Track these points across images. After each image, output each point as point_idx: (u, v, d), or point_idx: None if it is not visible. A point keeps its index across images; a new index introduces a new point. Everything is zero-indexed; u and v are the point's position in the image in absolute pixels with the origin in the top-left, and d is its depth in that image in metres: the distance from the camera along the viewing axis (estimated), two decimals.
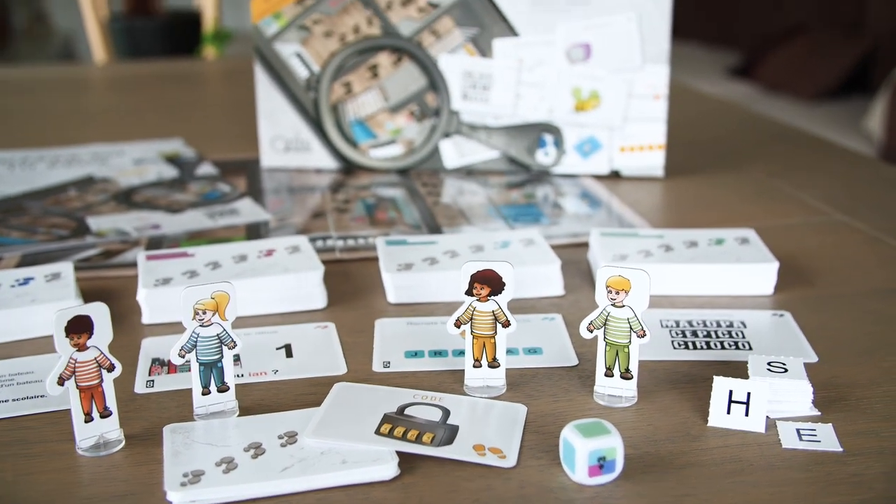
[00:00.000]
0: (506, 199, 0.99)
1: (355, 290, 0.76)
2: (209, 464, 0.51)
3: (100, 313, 0.52)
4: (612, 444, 0.50)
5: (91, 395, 0.53)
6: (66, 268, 0.74)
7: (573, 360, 0.64)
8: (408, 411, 0.56)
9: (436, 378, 0.62)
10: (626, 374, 0.58)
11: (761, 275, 0.75)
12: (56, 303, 0.69)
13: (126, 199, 0.99)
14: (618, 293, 0.57)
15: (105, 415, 0.54)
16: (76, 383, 0.52)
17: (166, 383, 0.61)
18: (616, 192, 1.00)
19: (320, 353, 0.66)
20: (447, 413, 0.56)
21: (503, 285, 0.58)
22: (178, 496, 0.49)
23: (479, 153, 1.06)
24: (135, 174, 1.07)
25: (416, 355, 0.65)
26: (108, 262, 0.82)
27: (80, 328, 0.52)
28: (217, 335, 0.56)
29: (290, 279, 0.72)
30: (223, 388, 0.57)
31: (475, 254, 0.77)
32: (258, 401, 0.59)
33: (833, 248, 0.86)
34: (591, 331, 0.58)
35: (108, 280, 0.79)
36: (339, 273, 0.79)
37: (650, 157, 1.04)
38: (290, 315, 0.72)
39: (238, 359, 0.64)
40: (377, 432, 0.53)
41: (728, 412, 0.56)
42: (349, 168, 1.08)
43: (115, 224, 0.91)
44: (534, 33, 1.01)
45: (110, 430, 0.54)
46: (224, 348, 0.56)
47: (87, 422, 0.53)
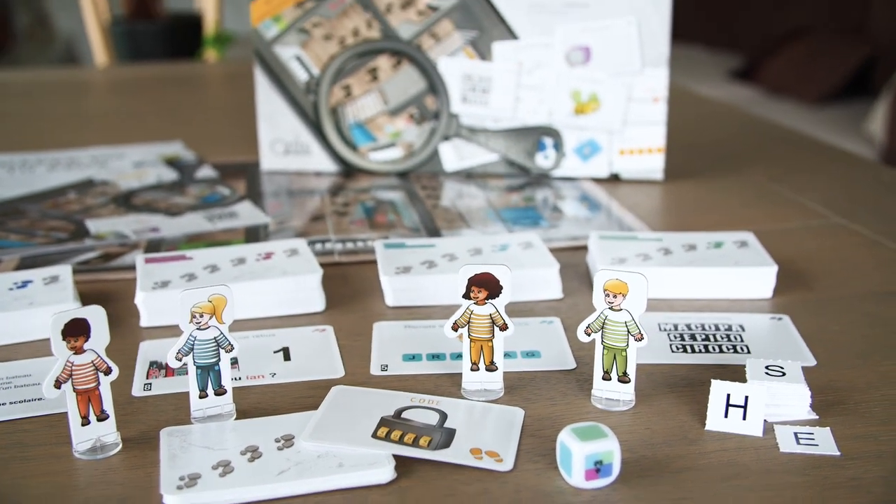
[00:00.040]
0: (505, 203, 0.99)
1: (354, 293, 0.76)
2: (206, 467, 0.51)
3: (97, 316, 0.52)
4: (609, 448, 0.50)
5: (88, 398, 0.53)
6: (64, 271, 0.74)
7: (571, 364, 0.64)
8: (405, 415, 0.56)
9: (433, 381, 0.62)
10: (623, 378, 0.58)
11: (760, 278, 0.75)
12: (54, 306, 0.69)
13: (125, 202, 0.99)
14: (615, 296, 0.57)
15: (102, 418, 0.54)
16: (73, 386, 0.53)
17: (163, 386, 0.61)
18: (615, 196, 1.00)
19: (318, 356, 0.66)
20: (444, 416, 0.56)
21: (500, 288, 0.58)
22: (175, 500, 0.49)
23: (479, 156, 1.06)
24: (134, 177, 1.07)
25: (413, 358, 0.65)
26: (106, 265, 0.82)
27: (76, 331, 0.52)
28: (214, 338, 0.56)
29: (289, 282, 0.72)
30: (220, 392, 0.57)
31: (473, 257, 0.77)
32: (255, 404, 0.59)
33: (832, 251, 0.85)
34: (589, 334, 0.58)
35: (106, 283, 0.79)
36: (338, 276, 0.79)
37: (650, 161, 1.04)
38: (288, 318, 0.72)
39: (236, 362, 0.64)
40: (374, 436, 0.53)
41: (726, 416, 0.56)
42: (349, 171, 1.08)
43: (114, 227, 0.91)
44: (533, 36, 1.01)
45: (107, 433, 0.54)
46: (221, 351, 0.56)
47: (83, 425, 0.53)
